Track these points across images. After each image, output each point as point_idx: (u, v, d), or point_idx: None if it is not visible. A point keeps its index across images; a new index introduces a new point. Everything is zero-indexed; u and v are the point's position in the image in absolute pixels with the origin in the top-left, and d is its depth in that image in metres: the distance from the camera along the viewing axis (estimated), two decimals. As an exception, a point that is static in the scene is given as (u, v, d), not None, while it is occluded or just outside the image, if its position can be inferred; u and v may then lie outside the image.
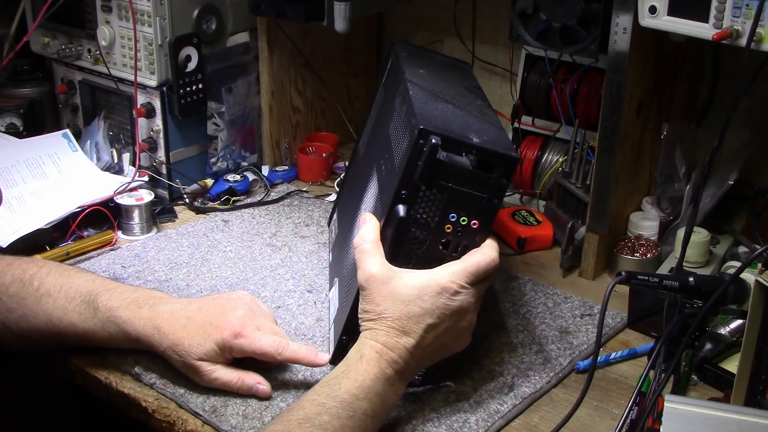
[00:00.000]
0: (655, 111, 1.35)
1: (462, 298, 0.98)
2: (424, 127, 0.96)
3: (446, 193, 0.98)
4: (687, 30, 1.13)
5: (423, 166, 0.96)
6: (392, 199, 0.99)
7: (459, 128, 1.01)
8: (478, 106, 1.14)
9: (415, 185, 0.98)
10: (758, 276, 0.90)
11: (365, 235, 1.02)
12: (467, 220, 1.00)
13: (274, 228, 1.50)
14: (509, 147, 1.02)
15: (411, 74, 1.16)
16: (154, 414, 1.05)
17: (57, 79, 1.69)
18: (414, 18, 1.81)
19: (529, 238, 1.44)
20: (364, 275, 1.00)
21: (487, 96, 1.77)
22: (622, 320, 1.24)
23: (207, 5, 1.54)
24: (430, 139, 0.96)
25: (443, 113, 1.05)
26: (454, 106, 1.10)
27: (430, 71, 1.21)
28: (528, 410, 1.07)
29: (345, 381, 0.94)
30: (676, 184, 1.41)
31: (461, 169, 0.98)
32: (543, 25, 1.32)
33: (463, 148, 0.98)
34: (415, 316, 0.97)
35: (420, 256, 1.01)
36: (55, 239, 1.38)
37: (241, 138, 1.65)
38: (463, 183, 0.98)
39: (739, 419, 0.83)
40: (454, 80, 1.23)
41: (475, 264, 0.99)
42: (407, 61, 1.23)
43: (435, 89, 1.13)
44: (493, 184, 0.99)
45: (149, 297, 1.10)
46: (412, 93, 1.08)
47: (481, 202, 0.99)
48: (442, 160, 0.97)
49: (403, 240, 1.01)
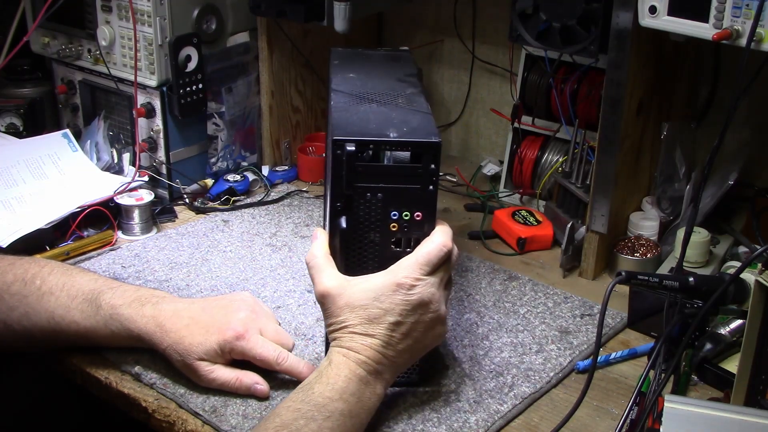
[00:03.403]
0: (655, 111, 1.35)
1: (420, 290, 0.98)
2: (337, 137, 0.98)
3: (380, 194, 0.99)
4: (687, 30, 1.13)
5: (345, 175, 0.98)
6: (331, 213, 1.01)
7: (377, 128, 1.01)
8: (408, 95, 1.14)
9: (346, 195, 0.99)
10: (758, 276, 0.90)
11: (315, 250, 1.03)
12: (410, 214, 1.01)
13: (274, 228, 1.50)
14: (430, 132, 1.01)
15: (338, 82, 1.17)
16: (154, 414, 1.05)
17: (57, 79, 1.69)
18: (414, 18, 1.81)
19: (529, 238, 1.44)
20: (319, 291, 1.01)
21: (487, 96, 1.78)
22: (622, 320, 1.24)
23: (207, 5, 1.54)
24: (345, 147, 0.97)
25: (363, 116, 1.06)
26: (378, 104, 1.10)
27: (362, 72, 1.22)
28: (528, 410, 1.07)
29: (318, 385, 0.95)
30: (676, 184, 1.41)
31: (385, 168, 1.00)
32: (543, 25, 1.32)
33: (383, 146, 0.99)
34: (375, 318, 0.98)
35: (375, 260, 1.02)
36: (55, 239, 1.38)
37: (241, 138, 1.65)
38: (393, 180, 0.99)
39: (739, 419, 0.83)
40: (387, 74, 1.23)
41: (425, 254, 1.00)
42: (337, 68, 1.24)
43: (361, 91, 1.14)
44: (422, 173, 0.99)
45: (152, 295, 1.11)
46: (333, 103, 1.10)
47: (417, 194, 1.00)
48: (362, 164, 0.98)
49: (352, 249, 1.02)
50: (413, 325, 0.99)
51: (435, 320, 1.01)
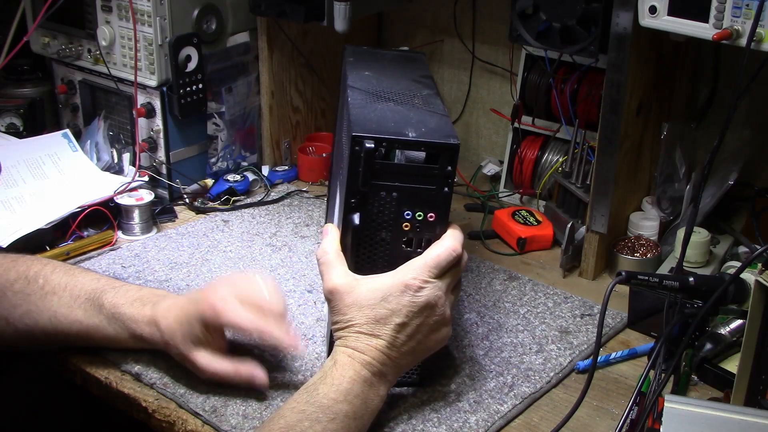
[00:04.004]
0: (655, 111, 1.35)
1: (427, 293, 0.98)
2: (357, 134, 0.97)
3: (395, 193, 0.99)
4: (687, 30, 1.13)
5: (363, 172, 0.98)
6: (344, 209, 1.01)
7: (395, 126, 1.01)
8: (424, 96, 1.14)
9: (361, 192, 0.99)
10: (758, 276, 0.90)
11: (326, 246, 1.03)
12: (423, 215, 1.00)
13: (274, 228, 1.50)
14: (449, 134, 1.01)
15: (354, 79, 1.17)
16: (154, 414, 1.05)
17: (57, 79, 1.69)
18: (414, 18, 1.81)
19: (529, 238, 1.44)
20: (327, 288, 1.01)
21: (487, 96, 1.78)
22: (622, 320, 1.24)
23: (207, 5, 1.54)
24: (363, 144, 0.97)
25: (381, 114, 1.05)
26: (396, 103, 1.10)
27: (377, 71, 1.22)
28: (528, 410, 1.07)
29: (322, 386, 0.95)
30: (676, 184, 1.41)
31: (402, 167, 1.00)
32: (543, 25, 1.32)
33: (401, 145, 0.99)
34: (382, 319, 0.98)
35: (385, 258, 1.02)
36: (55, 239, 1.38)
37: (241, 138, 1.65)
38: (409, 179, 0.99)
39: (739, 419, 0.83)
40: (402, 75, 1.23)
41: (434, 257, 1.00)
42: (353, 65, 1.24)
43: (378, 89, 1.14)
44: (439, 174, 0.99)
45: (153, 295, 1.11)
46: (350, 99, 1.09)
47: (432, 194, 1.00)
48: (380, 162, 0.98)
49: (363, 247, 1.01)
50: (418, 327, 0.99)
51: (440, 323, 1.01)
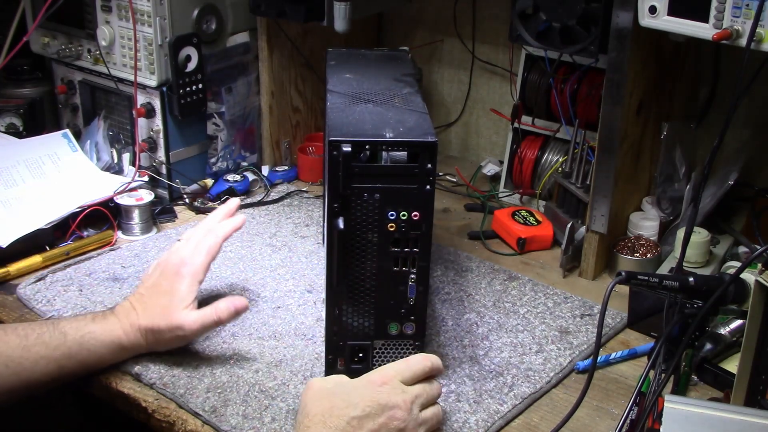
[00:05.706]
0: (655, 111, 1.35)
1: (389, 390, 0.95)
2: (333, 138, 0.98)
3: (377, 194, 0.99)
4: (687, 30, 1.13)
5: (342, 176, 0.98)
6: (328, 214, 1.01)
7: (373, 128, 1.01)
8: (404, 95, 1.14)
9: (343, 195, 0.99)
10: (758, 276, 0.90)
11: None
12: (407, 214, 1.01)
13: (274, 228, 1.50)
14: (427, 131, 1.02)
15: (334, 83, 1.17)
16: (154, 414, 1.05)
17: (57, 79, 1.69)
18: (414, 18, 1.82)
19: (529, 238, 1.44)
20: None
21: (487, 96, 1.78)
22: (622, 320, 1.24)
23: (207, 5, 1.54)
24: (341, 147, 0.97)
25: (359, 116, 1.06)
26: (375, 104, 1.10)
27: (358, 73, 1.22)
28: (528, 410, 1.07)
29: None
30: (676, 184, 1.41)
31: (382, 168, 1.00)
32: (543, 25, 1.32)
33: (379, 147, 0.99)
34: (338, 409, 0.92)
35: (373, 260, 1.02)
36: (55, 239, 1.38)
37: (241, 138, 1.65)
38: (390, 180, 0.99)
39: (739, 419, 0.83)
40: (383, 74, 1.23)
41: (403, 361, 1.00)
42: (334, 68, 1.24)
43: (358, 91, 1.14)
44: (420, 173, 0.99)
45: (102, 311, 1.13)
46: (329, 104, 1.10)
47: (414, 193, 1.00)
48: (359, 165, 0.98)
49: (351, 250, 1.02)
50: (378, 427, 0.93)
51: None
